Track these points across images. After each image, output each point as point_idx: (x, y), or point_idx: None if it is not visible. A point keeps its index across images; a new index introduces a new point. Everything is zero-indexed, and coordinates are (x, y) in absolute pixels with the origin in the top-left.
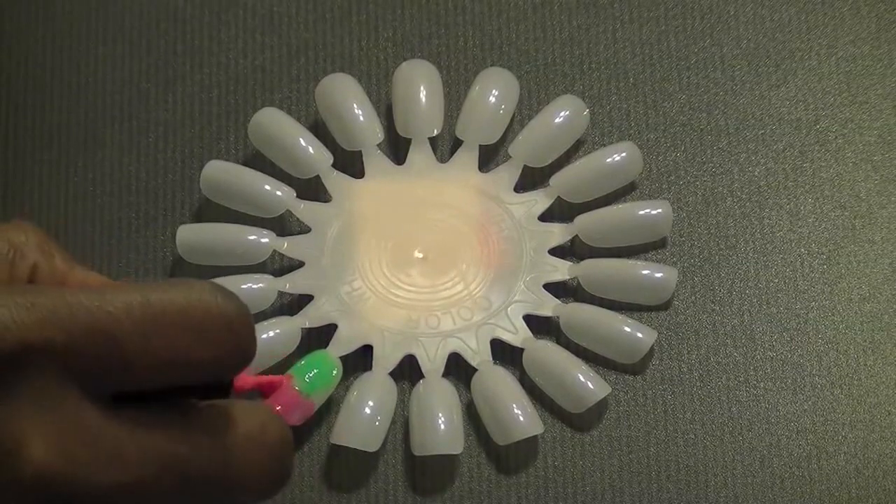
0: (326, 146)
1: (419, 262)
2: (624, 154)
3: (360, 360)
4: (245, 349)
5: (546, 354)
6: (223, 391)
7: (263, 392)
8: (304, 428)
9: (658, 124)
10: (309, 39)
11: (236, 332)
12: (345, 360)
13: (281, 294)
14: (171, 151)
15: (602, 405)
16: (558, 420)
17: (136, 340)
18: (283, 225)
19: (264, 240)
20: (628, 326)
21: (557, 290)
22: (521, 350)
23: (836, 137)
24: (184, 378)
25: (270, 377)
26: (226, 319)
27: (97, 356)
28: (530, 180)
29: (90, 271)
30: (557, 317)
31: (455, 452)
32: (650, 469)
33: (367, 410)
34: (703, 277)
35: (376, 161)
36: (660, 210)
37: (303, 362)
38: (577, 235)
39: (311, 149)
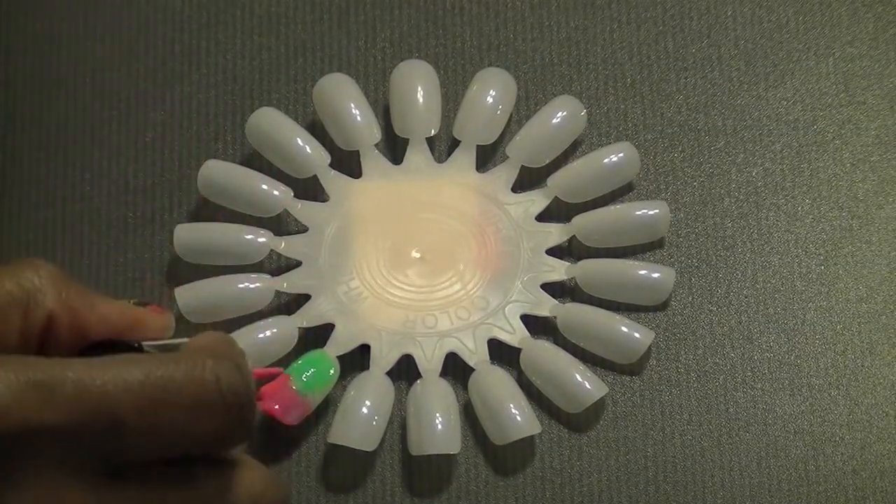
0: (324, 146)
1: (416, 262)
2: (621, 154)
3: (357, 359)
4: (244, 425)
5: (543, 354)
6: None
7: (259, 389)
8: (302, 427)
9: (655, 125)
10: (307, 40)
11: (236, 409)
12: (342, 359)
13: (278, 294)
14: (168, 151)
15: (599, 405)
16: (555, 420)
17: (136, 420)
18: (281, 224)
19: (262, 239)
20: (626, 327)
21: (555, 290)
22: (519, 350)
23: (834, 138)
24: (183, 451)
25: (269, 370)
26: (225, 397)
27: (97, 436)
28: (528, 180)
29: (108, 302)
30: (555, 317)
31: (452, 452)
32: (647, 470)
33: (365, 410)
34: (701, 278)
35: (374, 161)
36: (657, 210)
37: (300, 362)
38: (574, 236)
39: (308, 149)
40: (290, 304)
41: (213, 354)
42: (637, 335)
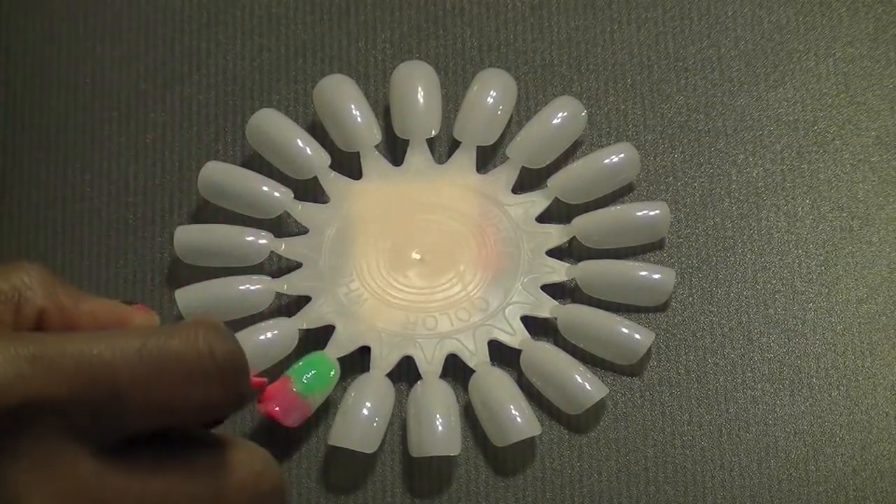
0: (324, 147)
1: (417, 264)
2: (622, 155)
3: (357, 361)
4: (239, 391)
5: (544, 356)
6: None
7: (259, 396)
8: (302, 429)
9: (656, 125)
10: (307, 41)
11: (230, 376)
12: (342, 361)
13: (279, 295)
14: (168, 152)
15: (599, 407)
16: (556, 422)
17: (135, 389)
18: (281, 226)
19: (262, 241)
20: (626, 328)
21: (555, 291)
22: (519, 351)
23: (834, 139)
24: (180, 421)
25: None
26: (220, 365)
27: (97, 407)
28: (528, 181)
29: (96, 299)
30: (555, 318)
31: (452, 454)
32: (648, 470)
33: (365, 412)
34: (701, 279)
35: (374, 162)
36: (657, 211)
37: (300, 364)
38: (574, 237)
39: (308, 150)
40: (291, 305)
41: (204, 326)
42: (637, 336)
